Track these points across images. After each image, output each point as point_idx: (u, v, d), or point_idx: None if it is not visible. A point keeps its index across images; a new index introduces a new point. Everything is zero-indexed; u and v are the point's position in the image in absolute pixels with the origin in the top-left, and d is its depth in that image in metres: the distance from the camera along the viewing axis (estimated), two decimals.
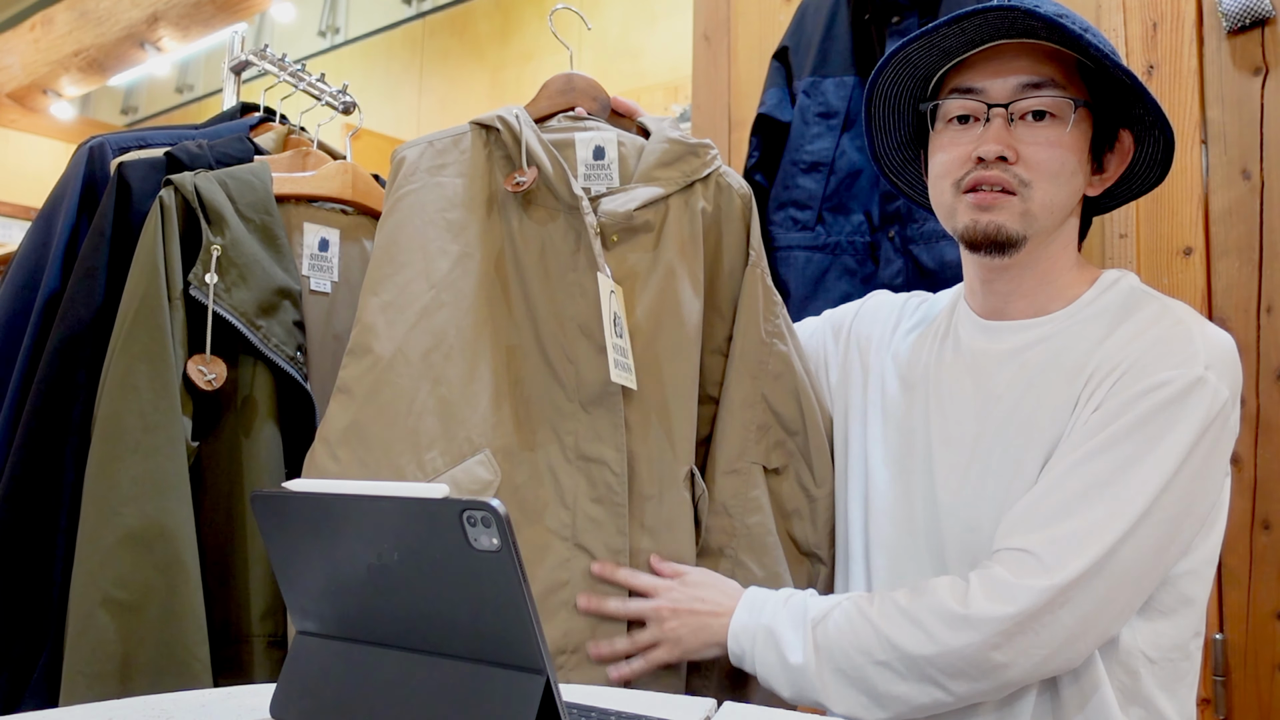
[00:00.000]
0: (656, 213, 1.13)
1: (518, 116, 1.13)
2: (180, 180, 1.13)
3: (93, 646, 0.99)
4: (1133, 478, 0.86)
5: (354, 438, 1.03)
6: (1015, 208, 0.97)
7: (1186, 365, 0.88)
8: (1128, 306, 0.97)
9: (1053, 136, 0.96)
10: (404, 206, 1.10)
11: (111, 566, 1.01)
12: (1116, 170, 1.02)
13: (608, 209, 1.10)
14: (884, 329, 1.16)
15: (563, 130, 1.16)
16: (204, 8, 3.46)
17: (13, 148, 5.10)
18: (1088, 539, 0.85)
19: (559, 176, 1.10)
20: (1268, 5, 1.39)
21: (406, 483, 0.74)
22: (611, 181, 1.15)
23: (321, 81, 1.44)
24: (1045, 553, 0.86)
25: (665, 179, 1.13)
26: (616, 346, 1.05)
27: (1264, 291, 1.40)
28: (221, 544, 1.11)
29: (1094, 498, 0.87)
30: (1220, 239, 1.43)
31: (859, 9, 1.63)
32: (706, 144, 1.17)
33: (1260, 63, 1.42)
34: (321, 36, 5.33)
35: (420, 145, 1.13)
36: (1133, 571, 0.86)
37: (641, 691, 0.86)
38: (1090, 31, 0.95)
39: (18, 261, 1.24)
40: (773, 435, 1.13)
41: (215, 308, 1.11)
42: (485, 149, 1.14)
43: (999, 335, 1.03)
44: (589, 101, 1.20)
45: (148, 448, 1.04)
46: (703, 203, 1.15)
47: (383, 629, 0.66)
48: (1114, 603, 0.87)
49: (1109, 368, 0.92)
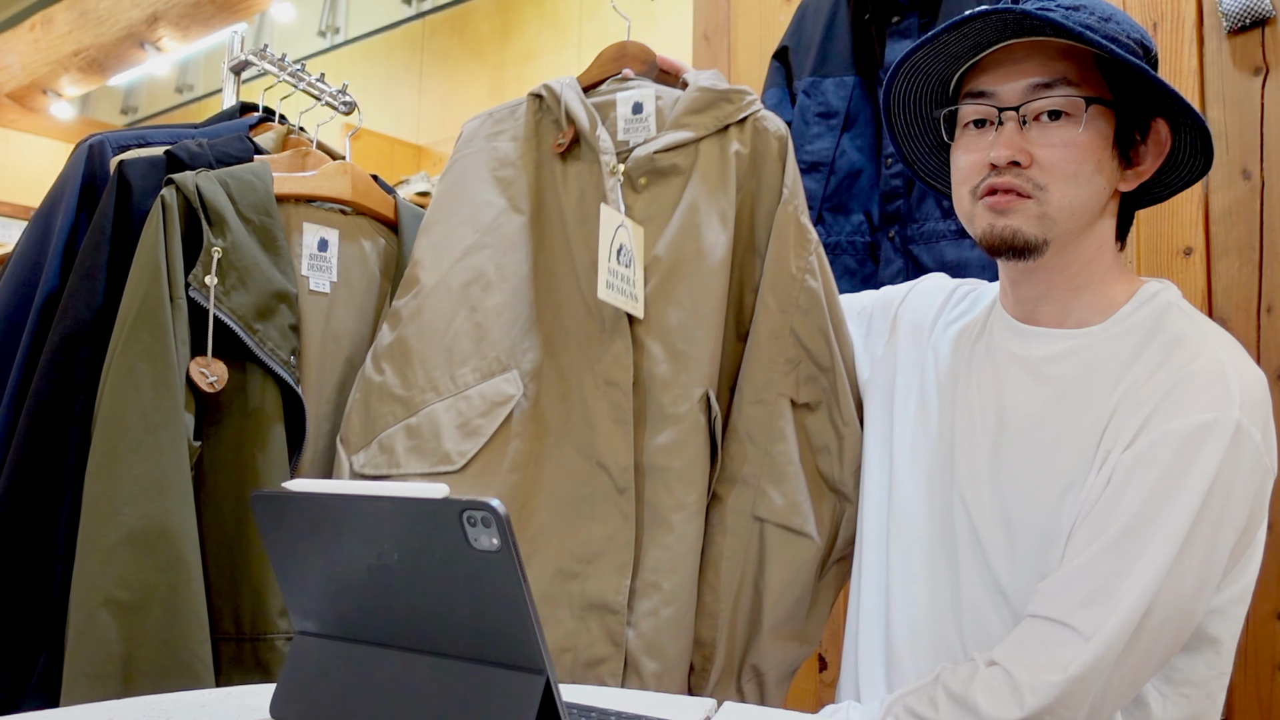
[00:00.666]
0: (685, 157, 1.19)
1: (563, 83, 1.25)
2: (182, 180, 1.13)
3: (94, 647, 0.99)
4: (1156, 528, 0.83)
5: (397, 353, 1.17)
6: (1032, 211, 0.94)
7: (1218, 408, 0.84)
8: (1160, 326, 0.92)
9: (1067, 137, 0.93)
10: (459, 166, 1.26)
11: (113, 567, 1.00)
12: (1154, 163, 0.98)
13: (635, 154, 1.19)
14: (929, 317, 1.13)
15: (608, 93, 1.26)
16: (204, 8, 3.46)
17: (12, 148, 5.10)
18: (1117, 598, 0.83)
19: (592, 130, 1.20)
20: (1268, 5, 1.39)
21: (406, 483, 0.74)
22: (649, 132, 1.23)
23: (321, 81, 1.44)
24: (1079, 621, 0.84)
25: (695, 124, 1.19)
26: (616, 272, 1.12)
27: (1264, 291, 1.40)
28: (225, 544, 1.11)
29: (1124, 551, 0.84)
30: (1220, 239, 1.43)
31: (859, 9, 1.63)
32: (742, 90, 1.21)
33: (1260, 63, 1.42)
34: (321, 36, 5.33)
35: (481, 117, 1.29)
36: (1170, 623, 0.84)
37: (641, 691, 0.86)
38: (1113, 20, 0.93)
39: (16, 259, 1.24)
40: (804, 370, 1.16)
41: (215, 311, 1.11)
42: (536, 116, 1.27)
43: (1030, 342, 0.99)
44: (638, 64, 1.29)
45: (150, 448, 1.04)
46: (737, 145, 1.19)
47: (383, 629, 0.66)
48: (1152, 655, 0.85)
49: (1138, 399, 0.88)
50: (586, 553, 1.12)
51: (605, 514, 1.12)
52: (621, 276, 1.13)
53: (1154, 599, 0.82)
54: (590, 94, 1.26)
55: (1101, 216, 0.98)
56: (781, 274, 1.16)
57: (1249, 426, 0.84)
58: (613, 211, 1.14)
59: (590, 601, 1.10)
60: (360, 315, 1.30)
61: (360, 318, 1.30)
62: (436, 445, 1.12)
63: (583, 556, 1.12)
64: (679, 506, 1.12)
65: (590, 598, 1.11)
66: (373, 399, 1.15)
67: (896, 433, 1.08)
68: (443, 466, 1.12)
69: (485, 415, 1.14)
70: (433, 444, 1.13)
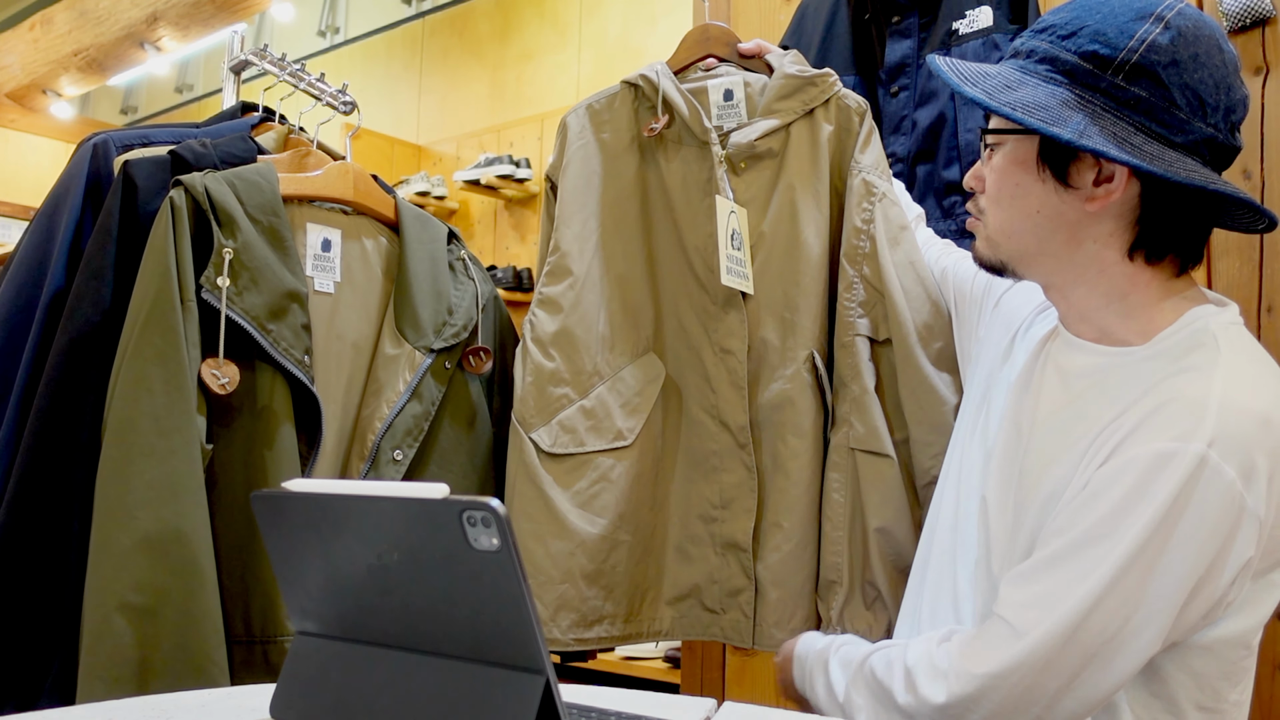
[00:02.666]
0: (778, 140, 1.33)
1: (658, 71, 1.35)
2: (190, 181, 1.13)
3: (110, 651, 0.99)
4: (1105, 546, 0.83)
5: (563, 340, 1.30)
6: (981, 234, 1.03)
7: (1184, 440, 0.82)
8: (1187, 351, 0.90)
9: (995, 162, 0.99)
10: (575, 161, 1.35)
11: (128, 571, 1.00)
12: (1122, 181, 0.91)
13: (735, 141, 1.32)
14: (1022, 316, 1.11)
15: (698, 80, 1.37)
16: (204, 8, 3.46)
17: (12, 148, 5.10)
18: (1055, 603, 0.84)
19: (694, 117, 1.32)
20: (1268, 5, 1.39)
21: (406, 483, 0.75)
22: (741, 118, 1.35)
23: (321, 81, 1.43)
24: (1017, 619, 0.86)
25: (784, 110, 1.32)
26: (731, 257, 1.28)
27: (1264, 291, 1.40)
28: (235, 546, 1.11)
29: (1073, 562, 0.85)
30: (1220, 239, 1.43)
31: (859, 9, 1.63)
32: (825, 73, 1.33)
33: (1260, 63, 1.42)
34: (321, 36, 5.33)
35: (580, 110, 1.38)
36: (1108, 644, 0.83)
37: (641, 692, 0.86)
38: (1078, 35, 0.91)
39: (19, 258, 1.24)
40: (879, 309, 1.27)
41: (228, 312, 1.10)
42: (633, 104, 1.37)
43: (1073, 353, 0.98)
44: (722, 48, 1.40)
45: (163, 451, 1.04)
46: (825, 124, 1.32)
47: (383, 629, 0.66)
48: (1088, 671, 0.84)
49: (1124, 420, 0.88)
50: (721, 499, 1.32)
51: (732, 465, 1.31)
52: (735, 260, 1.29)
53: (1089, 613, 0.83)
54: (681, 79, 1.37)
55: (1080, 235, 0.95)
56: (849, 231, 1.29)
57: (1219, 463, 0.81)
58: (725, 201, 1.29)
59: (727, 541, 1.31)
60: (364, 315, 1.30)
61: (364, 317, 1.30)
62: (610, 424, 1.30)
63: (718, 503, 1.32)
64: (794, 454, 1.28)
65: (726, 538, 1.31)
66: (546, 383, 1.29)
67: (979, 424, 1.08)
68: (618, 443, 1.30)
69: (640, 394, 1.33)
70: (606, 423, 1.30)
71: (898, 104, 1.55)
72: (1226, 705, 0.89)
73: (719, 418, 1.32)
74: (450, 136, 4.80)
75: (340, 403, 1.26)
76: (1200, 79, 0.89)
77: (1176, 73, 0.88)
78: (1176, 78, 0.88)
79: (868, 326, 1.27)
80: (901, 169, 1.53)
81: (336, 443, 1.25)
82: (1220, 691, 0.89)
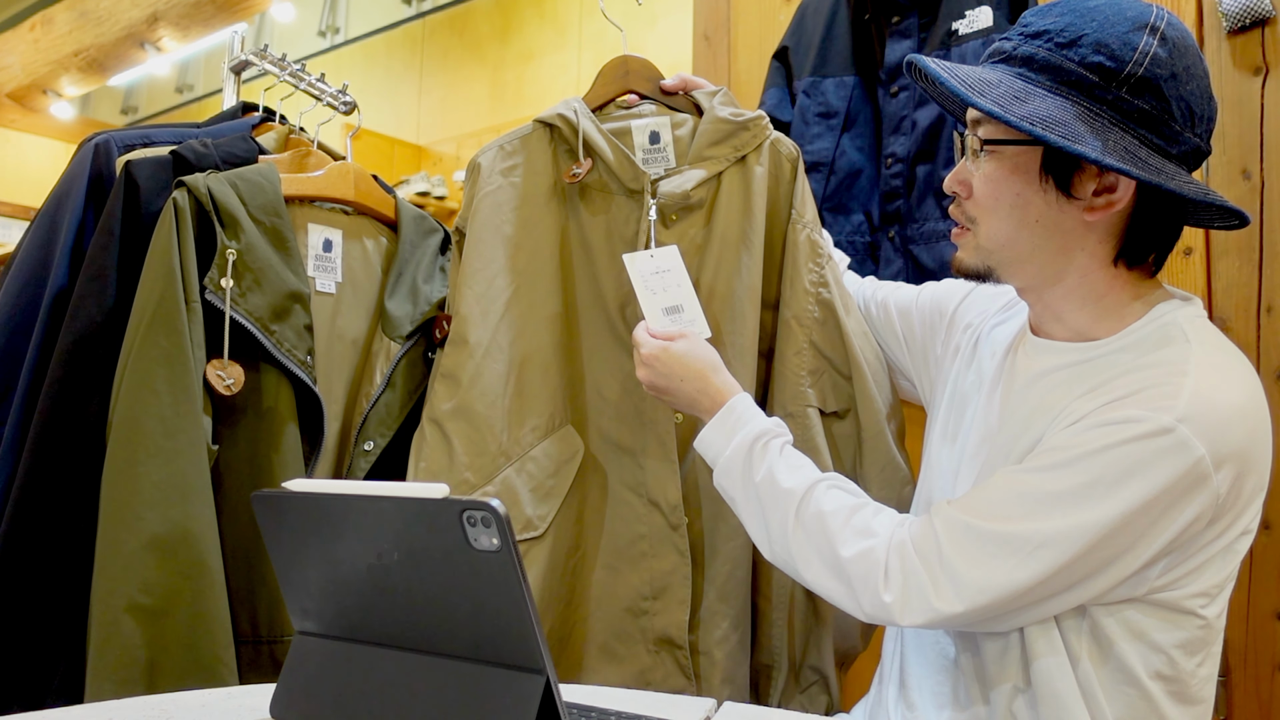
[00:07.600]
0: (709, 189, 1.22)
1: (576, 110, 1.22)
2: (193, 182, 1.13)
3: (119, 652, 0.99)
4: (1063, 505, 0.86)
5: (461, 418, 1.15)
6: (970, 243, 1.00)
7: (1157, 412, 0.84)
8: (1154, 345, 0.91)
9: (989, 170, 0.96)
10: (485, 208, 1.20)
11: (135, 572, 1.00)
12: (1126, 191, 0.92)
13: (666, 190, 1.20)
14: (985, 315, 1.13)
15: (620, 120, 1.25)
16: (204, 8, 3.46)
17: (12, 148, 5.10)
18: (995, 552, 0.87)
19: (621, 164, 1.20)
20: (1268, 5, 1.39)
21: (406, 483, 0.74)
22: (668, 163, 1.24)
23: (321, 81, 1.44)
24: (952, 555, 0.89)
25: (717, 157, 1.22)
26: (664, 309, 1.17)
27: (1264, 291, 1.40)
28: (242, 546, 1.11)
29: (1017, 512, 0.87)
30: (1220, 239, 1.43)
31: (859, 9, 1.63)
32: (758, 116, 1.24)
33: (1260, 63, 1.41)
34: (321, 36, 5.32)
35: (492, 150, 1.23)
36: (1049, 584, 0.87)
37: (641, 691, 0.86)
38: (1078, 44, 0.90)
39: (21, 257, 1.24)
40: (827, 379, 1.20)
41: (232, 313, 1.10)
42: (550, 145, 1.24)
43: (1041, 355, 0.99)
44: (643, 83, 1.27)
45: (169, 452, 1.04)
46: (759, 169, 1.23)
47: (383, 629, 0.66)
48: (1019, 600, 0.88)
49: (1092, 399, 0.89)
50: (652, 589, 1.18)
51: (663, 550, 1.17)
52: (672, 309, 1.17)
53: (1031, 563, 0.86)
54: (601, 117, 1.25)
55: (1072, 244, 0.95)
56: (797, 291, 1.20)
57: (1191, 438, 0.83)
58: (669, 249, 1.18)
59: (660, 636, 1.17)
60: (365, 315, 1.31)
61: (364, 317, 1.31)
62: (518, 512, 1.15)
63: (648, 593, 1.18)
64: (732, 534, 1.17)
65: (659, 633, 1.17)
66: (441, 471, 1.15)
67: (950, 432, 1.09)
68: (527, 533, 1.15)
69: (555, 475, 1.17)
70: (514, 511, 1.15)
71: (898, 104, 1.55)
72: (1185, 675, 0.90)
73: (647, 496, 1.18)
74: (450, 136, 4.81)
75: (341, 402, 1.26)
76: (1191, 90, 0.90)
77: (1174, 85, 0.89)
78: (1174, 90, 0.89)
79: (816, 397, 1.19)
80: (901, 169, 1.53)
81: (337, 442, 1.25)
82: (1176, 661, 0.90)
